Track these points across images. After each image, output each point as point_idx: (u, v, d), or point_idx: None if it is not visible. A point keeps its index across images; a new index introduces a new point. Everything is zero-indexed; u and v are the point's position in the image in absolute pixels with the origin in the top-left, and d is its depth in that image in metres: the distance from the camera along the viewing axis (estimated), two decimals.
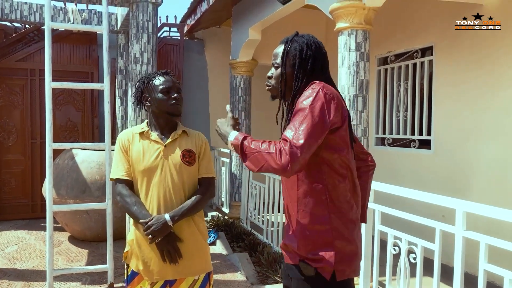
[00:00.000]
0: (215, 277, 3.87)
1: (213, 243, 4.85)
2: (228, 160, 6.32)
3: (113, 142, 2.61)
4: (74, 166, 4.79)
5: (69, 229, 5.11)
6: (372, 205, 2.98)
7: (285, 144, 1.46)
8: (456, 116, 4.60)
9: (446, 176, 4.68)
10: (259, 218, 5.35)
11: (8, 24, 6.54)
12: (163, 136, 2.12)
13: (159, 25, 7.13)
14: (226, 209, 6.43)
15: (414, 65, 5.20)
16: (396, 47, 5.41)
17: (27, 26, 6.49)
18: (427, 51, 5.07)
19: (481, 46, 4.33)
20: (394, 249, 2.82)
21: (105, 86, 2.75)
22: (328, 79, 1.68)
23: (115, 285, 3.53)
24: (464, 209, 2.27)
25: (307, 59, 1.64)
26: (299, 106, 1.54)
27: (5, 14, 5.79)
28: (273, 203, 4.84)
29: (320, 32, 6.67)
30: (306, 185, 1.59)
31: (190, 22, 7.07)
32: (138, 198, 2.06)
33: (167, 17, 7.66)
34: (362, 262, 3.07)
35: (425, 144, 5.07)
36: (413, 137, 5.22)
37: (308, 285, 1.59)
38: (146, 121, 2.20)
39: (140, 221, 1.98)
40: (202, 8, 6.25)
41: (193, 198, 2.07)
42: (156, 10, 4.62)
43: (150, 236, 1.94)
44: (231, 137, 1.63)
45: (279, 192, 4.65)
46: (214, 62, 7.80)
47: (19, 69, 6.26)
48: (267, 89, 1.76)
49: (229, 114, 1.75)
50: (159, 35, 7.22)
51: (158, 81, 2.11)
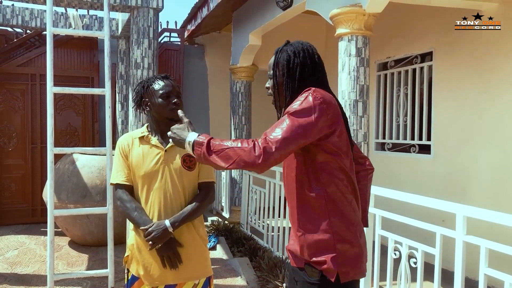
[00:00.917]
0: (216, 282, 3.87)
1: (213, 248, 4.84)
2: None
3: (114, 147, 2.62)
4: (75, 171, 4.80)
5: (69, 233, 5.10)
6: (372, 210, 2.99)
7: (262, 139, 1.49)
8: (456, 121, 4.62)
9: (446, 180, 4.68)
10: (259, 223, 5.35)
11: (10, 29, 6.57)
12: (163, 141, 2.11)
13: (159, 30, 7.15)
14: (226, 214, 6.43)
15: (414, 70, 5.23)
16: (396, 52, 5.43)
17: (28, 31, 6.52)
18: (426, 56, 5.09)
19: (480, 51, 4.35)
20: (395, 254, 2.83)
21: (106, 91, 2.76)
22: (322, 84, 1.68)
23: None
24: (464, 213, 2.28)
25: (295, 68, 1.65)
26: (287, 109, 1.57)
27: (7, 19, 5.82)
28: (273, 207, 4.84)
29: (320, 38, 6.70)
30: (305, 190, 1.61)
31: (191, 27, 7.10)
32: (138, 204, 2.05)
33: (167, 22, 7.75)
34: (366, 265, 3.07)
35: (425, 149, 5.08)
36: (413, 142, 5.23)
37: None
38: (146, 125, 2.19)
39: (140, 227, 1.98)
40: (203, 13, 6.28)
41: (193, 203, 2.07)
42: (157, 16, 4.65)
43: (150, 242, 1.94)
44: (192, 136, 1.62)
45: (279, 197, 4.65)
46: (214, 67, 7.82)
47: (20, 74, 6.27)
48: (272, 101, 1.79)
49: (185, 119, 1.78)
50: (159, 40, 7.25)
51: (158, 85, 2.10)
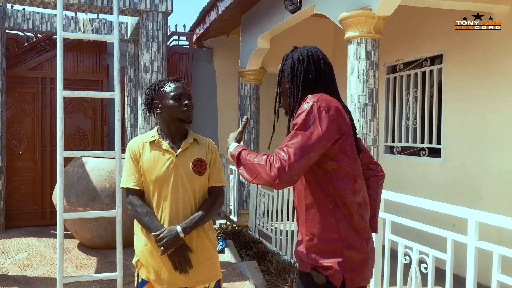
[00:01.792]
0: (224, 285, 3.86)
1: (221, 251, 4.83)
2: (236, 168, 6.31)
3: (123, 150, 2.62)
4: (84, 174, 4.83)
5: (78, 236, 5.13)
6: (382, 214, 2.96)
7: (275, 158, 1.50)
8: (466, 124, 4.57)
9: (456, 184, 4.64)
10: (267, 226, 5.33)
11: (20, 33, 6.64)
12: (174, 145, 2.10)
13: (168, 34, 7.19)
14: (234, 217, 6.43)
15: (423, 73, 5.19)
16: (405, 55, 5.40)
17: (38, 35, 6.59)
18: (436, 59, 5.05)
19: (490, 54, 4.31)
20: (405, 259, 2.80)
21: (116, 94, 2.77)
22: (328, 90, 1.66)
23: None
24: (476, 219, 2.25)
25: (299, 75, 1.65)
26: (294, 121, 1.57)
27: (17, 23, 5.89)
28: (282, 211, 4.83)
29: (329, 41, 6.69)
30: (313, 195, 1.61)
31: (199, 31, 7.13)
32: (149, 208, 2.05)
33: (176, 26, 7.73)
34: (372, 271, 3.05)
35: (434, 153, 5.04)
36: (422, 145, 5.19)
37: None
38: (156, 128, 2.18)
39: (152, 233, 1.98)
40: (211, 17, 6.30)
41: (204, 208, 2.08)
42: (166, 20, 4.67)
43: (162, 248, 1.95)
44: (231, 148, 1.72)
45: (288, 200, 4.64)
46: (223, 70, 7.84)
47: (30, 77, 6.34)
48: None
49: (240, 128, 1.83)
50: (168, 43, 7.29)
51: (169, 87, 2.11)
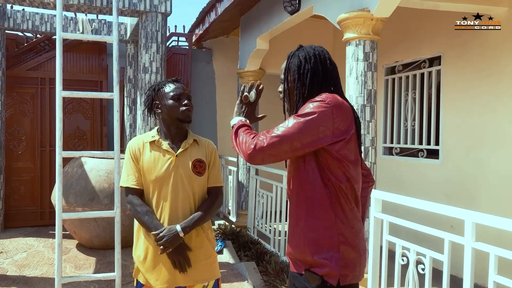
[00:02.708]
0: (222, 286, 3.86)
1: (220, 252, 4.84)
2: (235, 169, 6.33)
3: (122, 151, 2.63)
4: (83, 174, 4.83)
5: (77, 236, 5.13)
6: (380, 215, 2.97)
7: (260, 136, 1.55)
8: (465, 125, 4.58)
9: (454, 185, 4.65)
10: (266, 227, 5.34)
11: (20, 34, 6.65)
12: (174, 145, 2.12)
13: (167, 34, 7.21)
14: (233, 218, 6.43)
15: (422, 74, 5.20)
16: (404, 56, 5.41)
17: (38, 36, 6.60)
18: (435, 60, 5.07)
19: (488, 56, 4.32)
20: (403, 260, 2.80)
21: (115, 95, 2.78)
22: (334, 90, 1.67)
23: None
24: (473, 220, 2.26)
25: (305, 74, 1.65)
26: (299, 111, 1.58)
27: (17, 24, 5.90)
28: (280, 212, 4.83)
29: (328, 42, 6.70)
30: (312, 190, 1.60)
31: (199, 31, 7.14)
32: (149, 208, 2.07)
33: (175, 26, 7.74)
34: (370, 272, 3.06)
35: (433, 154, 5.05)
36: (421, 146, 5.20)
37: None
38: (156, 128, 2.20)
39: (152, 232, 2.00)
40: (210, 18, 6.31)
41: (203, 208, 2.10)
42: (165, 20, 4.68)
43: (161, 247, 1.97)
44: (235, 120, 1.76)
45: (287, 201, 4.64)
46: (222, 71, 7.85)
47: (30, 78, 6.34)
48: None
49: (252, 95, 1.81)
50: (167, 44, 7.30)
51: (169, 88, 2.13)
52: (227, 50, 7.78)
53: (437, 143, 4.96)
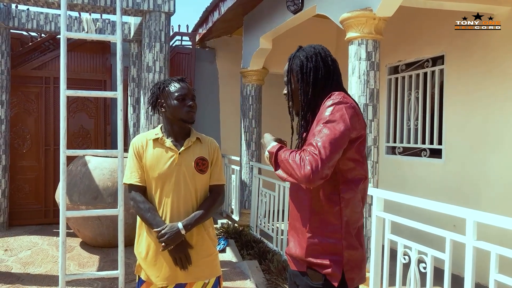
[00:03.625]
0: (225, 284, 3.88)
1: (222, 251, 4.85)
2: (238, 168, 6.34)
3: (126, 150, 2.65)
4: (87, 173, 4.86)
5: (81, 235, 5.16)
6: (382, 214, 2.98)
7: (308, 154, 1.48)
8: (467, 125, 4.58)
9: (457, 185, 4.64)
10: (268, 226, 5.35)
11: (25, 33, 6.69)
12: (177, 143, 2.14)
13: (171, 34, 7.22)
14: (236, 217, 6.45)
15: (425, 74, 5.20)
16: (407, 56, 5.41)
17: (42, 35, 6.63)
18: (438, 60, 5.06)
19: (492, 55, 4.31)
20: (404, 259, 2.81)
21: (118, 94, 2.80)
22: (338, 87, 1.67)
23: None
24: (474, 219, 2.26)
25: (308, 73, 1.65)
26: (320, 116, 1.55)
27: (22, 23, 5.93)
28: (283, 211, 4.84)
29: (331, 41, 6.70)
30: (320, 194, 1.59)
31: (202, 31, 7.15)
32: (152, 205, 2.09)
33: (179, 26, 7.76)
34: (372, 271, 3.07)
35: (436, 153, 5.05)
36: (424, 146, 5.20)
37: None
38: (160, 126, 2.22)
39: (153, 229, 2.02)
40: (214, 17, 6.32)
41: (205, 206, 2.11)
42: (169, 20, 4.70)
43: (163, 244, 1.98)
44: (269, 146, 1.66)
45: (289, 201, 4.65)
46: (225, 70, 7.87)
47: (34, 77, 6.38)
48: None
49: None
50: (171, 44, 7.32)
51: (174, 87, 2.14)
52: (230, 49, 7.79)
53: (440, 142, 4.96)
